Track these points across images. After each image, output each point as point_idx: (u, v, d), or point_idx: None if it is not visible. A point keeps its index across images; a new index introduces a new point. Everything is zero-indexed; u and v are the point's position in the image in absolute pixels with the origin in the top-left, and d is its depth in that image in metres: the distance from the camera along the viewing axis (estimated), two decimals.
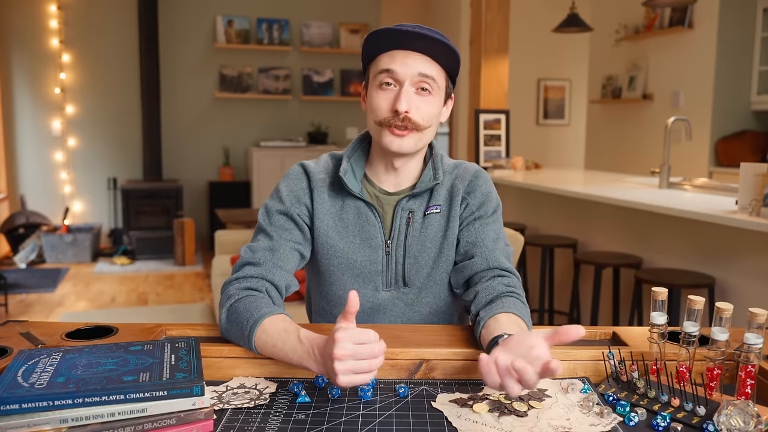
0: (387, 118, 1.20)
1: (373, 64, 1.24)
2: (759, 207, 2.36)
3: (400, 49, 1.20)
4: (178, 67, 6.48)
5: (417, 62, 1.19)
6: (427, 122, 1.22)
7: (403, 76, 1.19)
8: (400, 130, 1.20)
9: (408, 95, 1.19)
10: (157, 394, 0.83)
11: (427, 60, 1.20)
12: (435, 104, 1.23)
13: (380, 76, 1.21)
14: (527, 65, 6.55)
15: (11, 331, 1.15)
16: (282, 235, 1.24)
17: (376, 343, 0.90)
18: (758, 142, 4.76)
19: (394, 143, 1.21)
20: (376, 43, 1.21)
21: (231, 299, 1.14)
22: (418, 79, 1.19)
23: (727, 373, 1.04)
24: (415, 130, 1.21)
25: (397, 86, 1.20)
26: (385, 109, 1.20)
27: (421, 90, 1.20)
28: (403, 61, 1.19)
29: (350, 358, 0.89)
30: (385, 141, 1.22)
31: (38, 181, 6.22)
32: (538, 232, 3.98)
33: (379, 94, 1.21)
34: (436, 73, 1.21)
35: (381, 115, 1.21)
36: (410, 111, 1.19)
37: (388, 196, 1.29)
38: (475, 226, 1.28)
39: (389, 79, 1.20)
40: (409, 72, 1.19)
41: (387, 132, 1.21)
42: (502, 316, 1.07)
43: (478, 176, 1.31)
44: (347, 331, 0.90)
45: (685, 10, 4.88)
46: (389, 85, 1.20)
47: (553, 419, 0.91)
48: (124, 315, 4.28)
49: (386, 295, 1.30)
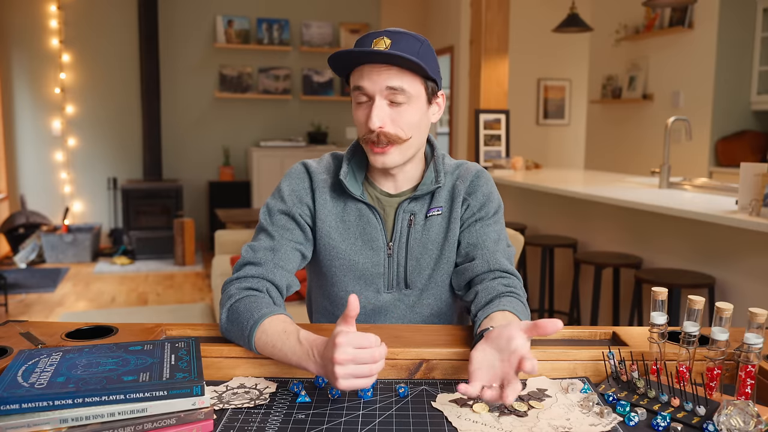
0: (365, 135, 1.20)
1: (350, 79, 1.23)
2: (759, 207, 2.36)
3: (366, 63, 1.17)
4: (178, 67, 6.48)
5: (384, 76, 1.16)
6: (407, 132, 1.20)
7: (372, 92, 1.17)
8: (380, 147, 1.19)
9: (380, 110, 1.17)
10: (157, 394, 0.83)
11: (395, 70, 1.16)
12: (412, 112, 1.19)
13: (354, 92, 1.20)
14: (527, 65, 6.55)
15: (11, 331, 1.15)
16: (283, 235, 1.24)
17: (376, 348, 0.90)
18: (758, 142, 4.76)
19: (378, 160, 1.21)
20: (342, 59, 1.18)
21: (232, 299, 1.14)
22: (387, 92, 1.17)
23: (727, 373, 1.04)
24: (395, 144, 1.19)
25: (369, 100, 1.19)
26: (362, 124, 1.20)
27: (393, 103, 1.18)
28: (370, 76, 1.16)
29: (351, 363, 0.89)
30: (370, 158, 1.23)
31: (38, 181, 6.22)
32: (538, 232, 3.98)
33: (357, 110, 1.21)
34: (407, 83, 1.17)
35: (361, 132, 1.22)
36: (385, 126, 1.17)
37: (389, 198, 1.29)
38: (476, 228, 1.27)
39: (361, 95, 1.19)
40: (377, 87, 1.16)
41: (369, 149, 1.22)
42: (497, 314, 1.07)
43: (479, 176, 1.31)
44: (348, 335, 0.90)
45: (685, 10, 4.88)
46: (362, 101, 1.20)
47: (553, 419, 0.91)
48: (124, 315, 4.28)
49: (388, 297, 1.30)
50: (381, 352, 0.91)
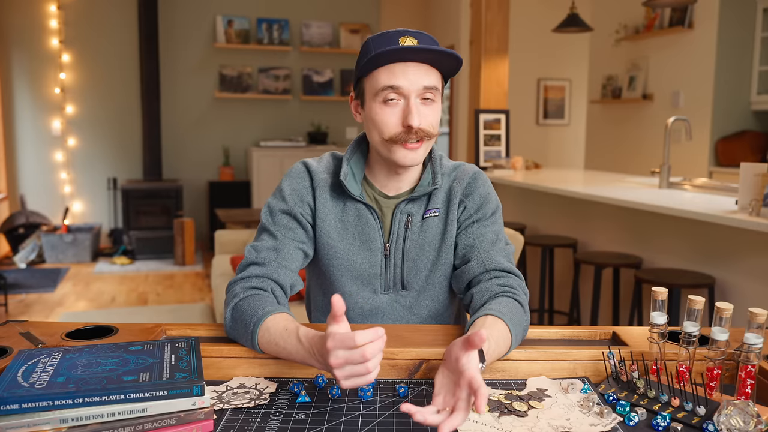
0: (399, 134, 1.18)
1: (370, 78, 1.20)
2: (759, 207, 2.36)
3: (399, 62, 1.17)
4: (178, 67, 6.48)
5: (419, 74, 1.17)
6: (436, 128, 1.22)
7: (408, 91, 1.17)
8: (413, 143, 1.19)
9: (417, 108, 1.17)
10: (157, 394, 0.83)
11: (427, 69, 1.18)
12: (438, 109, 1.22)
13: (383, 92, 1.18)
14: (527, 65, 6.55)
15: (11, 331, 1.15)
16: (286, 235, 1.24)
17: (368, 346, 0.88)
18: (758, 142, 4.76)
19: (407, 157, 1.20)
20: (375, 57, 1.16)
21: (236, 298, 1.14)
22: (422, 91, 1.18)
23: (727, 373, 1.04)
24: (425, 140, 1.20)
25: (401, 99, 1.18)
26: (395, 124, 1.18)
27: (425, 100, 1.19)
28: (405, 75, 1.16)
29: (346, 365, 0.88)
30: (397, 156, 1.20)
31: (38, 181, 6.22)
32: (538, 232, 3.98)
33: (385, 110, 1.18)
34: (437, 81, 1.20)
35: (391, 131, 1.19)
36: (421, 123, 1.18)
37: (387, 199, 1.29)
38: (473, 229, 1.27)
39: (393, 94, 1.17)
40: (414, 87, 1.17)
41: (399, 147, 1.19)
42: (479, 320, 1.07)
43: (476, 178, 1.30)
44: (335, 338, 0.88)
45: (685, 10, 4.88)
46: (393, 100, 1.18)
47: (553, 419, 0.91)
48: (124, 315, 4.28)
49: (385, 297, 1.30)
50: (373, 350, 0.88)
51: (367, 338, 0.87)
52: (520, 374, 1.07)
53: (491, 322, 1.04)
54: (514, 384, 1.04)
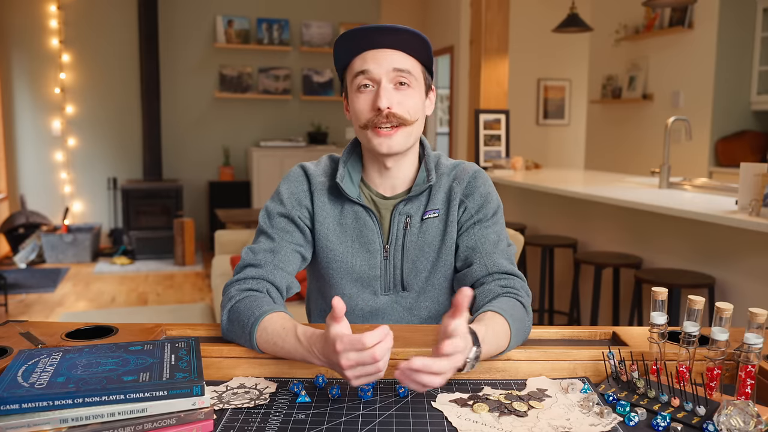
0: (370, 119, 1.19)
1: (348, 70, 1.23)
2: (759, 207, 2.36)
3: (370, 49, 1.19)
4: (178, 67, 6.48)
5: (389, 58, 1.18)
6: (413, 116, 1.21)
7: (379, 74, 1.18)
8: (386, 130, 1.19)
9: (387, 92, 1.18)
10: (157, 394, 0.83)
11: (399, 54, 1.19)
12: (416, 96, 1.21)
13: (357, 79, 1.20)
14: (527, 65, 6.56)
15: (11, 331, 1.15)
16: (283, 237, 1.24)
17: (378, 346, 0.89)
18: (758, 142, 4.76)
19: (383, 144, 1.20)
20: (345, 47, 1.20)
21: (232, 300, 1.14)
22: (394, 74, 1.18)
23: (727, 373, 1.04)
24: (402, 126, 1.20)
25: (374, 86, 1.19)
26: (367, 110, 1.19)
27: (400, 84, 1.19)
28: (375, 59, 1.18)
29: (357, 366, 0.90)
30: (374, 143, 1.20)
31: (38, 181, 6.22)
32: (538, 232, 3.98)
33: (359, 97, 1.20)
34: (411, 66, 1.20)
35: (364, 117, 1.20)
36: (392, 106, 1.18)
37: (384, 200, 1.28)
38: (475, 231, 1.26)
39: (366, 80, 1.19)
40: (383, 69, 1.18)
41: (373, 134, 1.20)
42: (478, 317, 1.07)
43: (476, 177, 1.29)
44: (344, 339, 0.89)
45: (685, 10, 4.88)
46: (367, 87, 1.19)
47: (553, 419, 0.91)
48: (124, 315, 4.28)
49: (385, 299, 1.30)
50: (382, 350, 0.89)
51: (376, 338, 0.89)
52: (520, 374, 1.07)
53: (490, 316, 1.06)
54: (514, 384, 1.04)
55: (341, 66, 1.25)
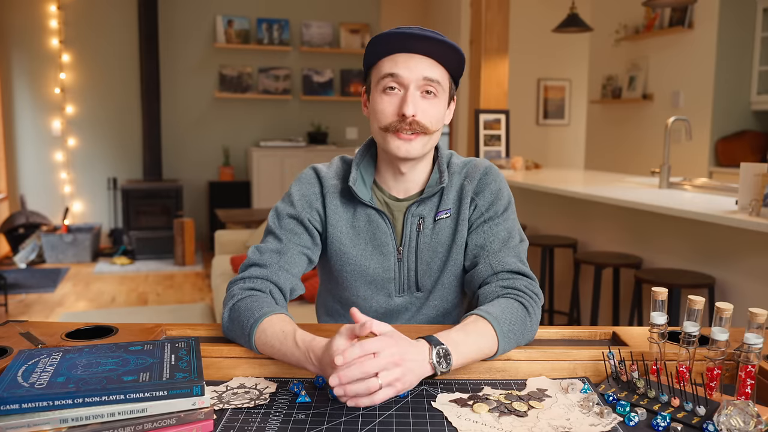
0: (393, 123, 1.18)
1: (375, 69, 1.21)
2: (759, 207, 2.36)
3: (402, 53, 1.17)
4: (178, 67, 6.48)
5: (421, 65, 1.17)
6: (435, 125, 1.20)
7: (408, 80, 1.16)
8: (407, 135, 1.17)
9: (414, 99, 1.16)
10: (157, 394, 0.83)
11: (431, 62, 1.17)
12: (440, 107, 1.20)
13: (384, 80, 1.18)
14: (527, 65, 6.55)
15: (11, 331, 1.15)
16: (291, 239, 1.23)
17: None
18: (758, 142, 4.76)
19: (401, 148, 1.18)
20: (379, 47, 1.18)
21: (234, 299, 1.14)
22: (423, 82, 1.17)
23: (727, 373, 1.04)
24: (422, 134, 1.18)
25: (401, 90, 1.18)
26: (391, 113, 1.18)
27: (426, 93, 1.18)
28: (407, 64, 1.16)
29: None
30: (392, 146, 1.19)
31: (38, 181, 6.22)
32: (538, 232, 3.98)
33: (383, 98, 1.19)
34: (440, 76, 1.19)
35: (386, 120, 1.18)
36: (417, 114, 1.17)
37: (397, 202, 1.27)
38: (484, 229, 1.25)
39: (393, 83, 1.17)
40: (413, 76, 1.16)
41: (393, 137, 1.18)
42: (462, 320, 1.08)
43: (487, 173, 1.28)
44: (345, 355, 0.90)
45: (685, 10, 4.88)
46: (393, 90, 1.18)
47: (553, 419, 0.91)
48: (124, 315, 4.28)
49: (399, 300, 1.30)
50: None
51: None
52: (520, 374, 1.07)
53: (472, 320, 1.06)
54: (514, 384, 1.04)
55: (370, 62, 1.22)
